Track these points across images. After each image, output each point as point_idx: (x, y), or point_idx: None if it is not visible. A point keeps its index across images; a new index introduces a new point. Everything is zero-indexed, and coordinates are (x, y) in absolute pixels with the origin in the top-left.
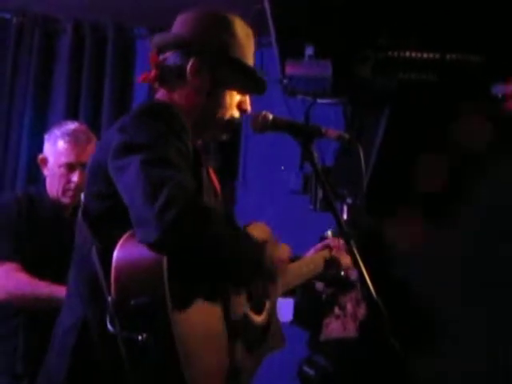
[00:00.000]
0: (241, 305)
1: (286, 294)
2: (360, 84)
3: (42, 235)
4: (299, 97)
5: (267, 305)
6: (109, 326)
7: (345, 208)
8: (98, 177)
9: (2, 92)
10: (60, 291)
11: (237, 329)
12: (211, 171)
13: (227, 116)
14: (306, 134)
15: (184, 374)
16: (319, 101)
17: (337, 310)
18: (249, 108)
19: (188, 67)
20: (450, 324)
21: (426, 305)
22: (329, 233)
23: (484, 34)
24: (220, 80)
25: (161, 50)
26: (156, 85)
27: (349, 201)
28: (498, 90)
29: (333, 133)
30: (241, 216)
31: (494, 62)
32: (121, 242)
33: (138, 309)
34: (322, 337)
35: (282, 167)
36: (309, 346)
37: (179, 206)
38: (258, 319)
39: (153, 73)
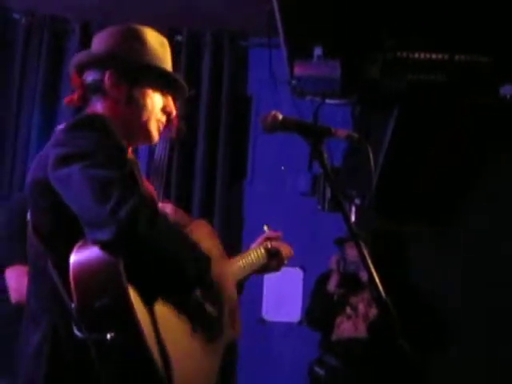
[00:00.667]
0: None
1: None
2: (369, 85)
3: None
4: (308, 97)
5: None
6: (76, 333)
7: (353, 209)
8: (38, 193)
9: (10, 92)
10: None
11: (197, 321)
12: (145, 180)
13: (152, 119)
14: (315, 134)
15: (158, 369)
16: (328, 101)
17: (348, 311)
18: (173, 111)
19: (105, 81)
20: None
21: (434, 304)
22: (265, 227)
23: (493, 35)
24: (137, 86)
25: (80, 70)
26: (80, 105)
27: (357, 201)
28: (507, 90)
29: (342, 132)
30: (248, 216)
31: (502, 63)
32: (75, 248)
33: (102, 310)
34: (334, 337)
35: (282, 167)
36: (320, 346)
37: (130, 203)
38: (213, 309)
39: (76, 94)
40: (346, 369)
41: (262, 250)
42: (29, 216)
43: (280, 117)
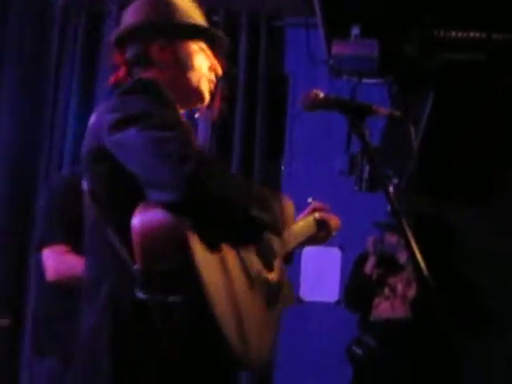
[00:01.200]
0: (254, 263)
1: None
2: (406, 64)
3: None
4: (345, 77)
5: (276, 262)
6: (138, 294)
7: (391, 188)
8: (94, 161)
9: (48, 75)
10: None
11: (258, 287)
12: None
13: (203, 79)
14: (357, 112)
15: (222, 331)
16: (364, 81)
17: (387, 291)
18: (220, 69)
19: (150, 50)
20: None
21: (478, 287)
22: (310, 199)
23: None
24: (183, 49)
25: (120, 46)
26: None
27: (394, 181)
28: None
29: (384, 111)
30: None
31: None
32: (137, 210)
33: (167, 271)
34: (372, 317)
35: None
36: (358, 326)
37: (195, 158)
38: (272, 276)
39: (121, 71)
40: (383, 349)
41: (311, 221)
42: (85, 186)
43: (321, 95)
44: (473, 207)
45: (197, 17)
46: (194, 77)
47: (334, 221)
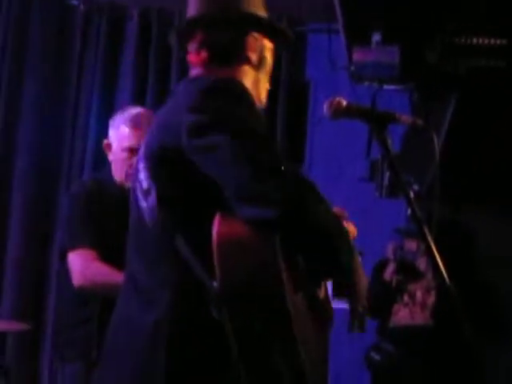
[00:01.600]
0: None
1: None
2: (427, 70)
3: (112, 221)
4: (366, 83)
5: None
6: (215, 314)
7: (411, 195)
8: (168, 163)
9: (69, 78)
10: None
11: (316, 308)
12: None
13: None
14: (380, 120)
15: (304, 366)
16: (385, 87)
17: (406, 298)
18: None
19: (244, 43)
20: None
21: (499, 294)
22: None
23: None
24: (263, 47)
25: (207, 27)
26: (204, 66)
27: (415, 188)
28: None
29: (407, 119)
30: None
31: None
32: (217, 220)
33: (251, 291)
34: (391, 324)
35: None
36: (377, 332)
37: (287, 176)
38: (322, 294)
39: (204, 53)
40: (402, 356)
41: None
42: (146, 185)
43: (344, 103)
44: (494, 214)
45: (264, 11)
46: (266, 80)
47: (351, 229)
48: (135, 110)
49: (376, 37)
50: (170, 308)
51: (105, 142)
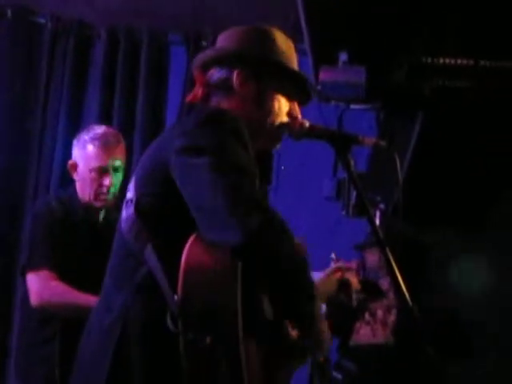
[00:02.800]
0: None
1: None
2: (393, 90)
3: (75, 240)
4: (333, 103)
5: None
6: (170, 326)
7: (378, 214)
8: (154, 179)
9: (36, 96)
10: (93, 300)
11: (283, 346)
12: None
13: (277, 122)
14: (342, 142)
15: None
16: (352, 106)
17: (367, 316)
18: (299, 115)
19: (234, 78)
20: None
21: (460, 311)
22: (333, 255)
23: None
24: (266, 85)
25: (204, 67)
26: (202, 103)
27: (382, 207)
28: None
29: (370, 141)
30: None
31: None
32: (190, 241)
33: (207, 311)
34: (352, 342)
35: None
36: (338, 351)
37: (262, 212)
38: (294, 334)
39: (200, 91)
40: (363, 374)
41: (335, 282)
42: (130, 195)
43: (307, 124)
44: (459, 235)
45: (292, 59)
46: (269, 119)
47: (355, 282)
48: (100, 129)
49: (342, 57)
50: (125, 311)
51: (70, 162)
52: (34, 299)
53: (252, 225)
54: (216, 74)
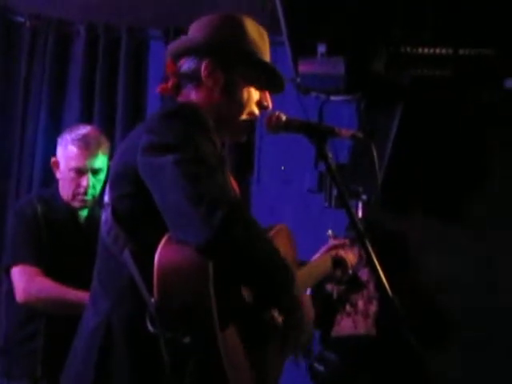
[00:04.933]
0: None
1: None
2: (373, 80)
3: (58, 239)
4: (313, 94)
5: None
6: (149, 327)
7: (360, 205)
8: (125, 179)
9: (16, 95)
10: (80, 296)
11: (267, 333)
12: (228, 173)
13: (246, 114)
14: (319, 134)
15: (229, 378)
16: (332, 98)
17: (348, 308)
18: (269, 104)
19: (202, 69)
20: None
21: (440, 302)
22: (330, 232)
23: (496, 28)
24: (235, 75)
25: (175, 57)
26: (173, 94)
27: (364, 198)
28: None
29: (346, 132)
30: (256, 213)
31: (506, 56)
32: (162, 243)
33: (183, 311)
34: (333, 334)
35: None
36: (319, 342)
37: (226, 208)
38: (280, 319)
39: (171, 82)
40: (345, 365)
41: (328, 261)
42: (107, 199)
43: (283, 118)
44: (438, 224)
45: (263, 49)
46: (238, 110)
47: (351, 257)
48: (84, 130)
49: (321, 48)
50: (109, 314)
51: (52, 159)
52: (20, 295)
53: (215, 222)
54: (186, 64)
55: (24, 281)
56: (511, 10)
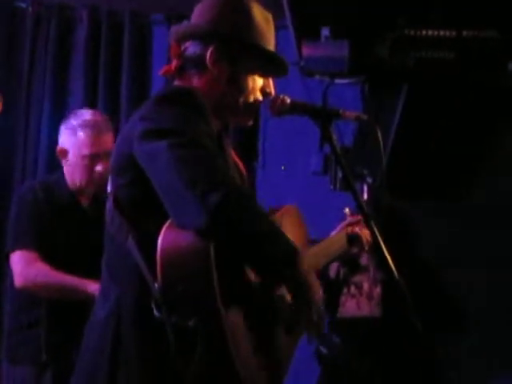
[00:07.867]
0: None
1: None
2: (377, 63)
3: (60, 225)
4: (316, 77)
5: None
6: (155, 313)
7: (365, 187)
8: (125, 168)
9: (20, 82)
10: (77, 282)
11: (276, 312)
12: (233, 153)
13: (250, 100)
14: (324, 117)
15: (235, 360)
16: (337, 81)
17: (353, 289)
18: (272, 91)
19: (207, 56)
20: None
21: (447, 286)
22: (347, 210)
23: (500, 10)
24: (240, 66)
25: (180, 40)
26: (176, 76)
27: (369, 180)
28: None
29: (351, 114)
30: (262, 197)
31: (510, 38)
32: (164, 228)
33: (186, 295)
34: (338, 315)
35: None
36: (325, 324)
37: (223, 189)
38: (289, 297)
39: (174, 64)
40: (349, 347)
41: (343, 238)
42: (109, 188)
43: (288, 100)
44: (444, 204)
45: (268, 36)
46: (241, 98)
47: (367, 233)
48: (89, 115)
49: (325, 31)
50: (118, 304)
51: (58, 147)
52: (18, 280)
53: (211, 205)
54: (191, 47)
55: (22, 266)
56: None
